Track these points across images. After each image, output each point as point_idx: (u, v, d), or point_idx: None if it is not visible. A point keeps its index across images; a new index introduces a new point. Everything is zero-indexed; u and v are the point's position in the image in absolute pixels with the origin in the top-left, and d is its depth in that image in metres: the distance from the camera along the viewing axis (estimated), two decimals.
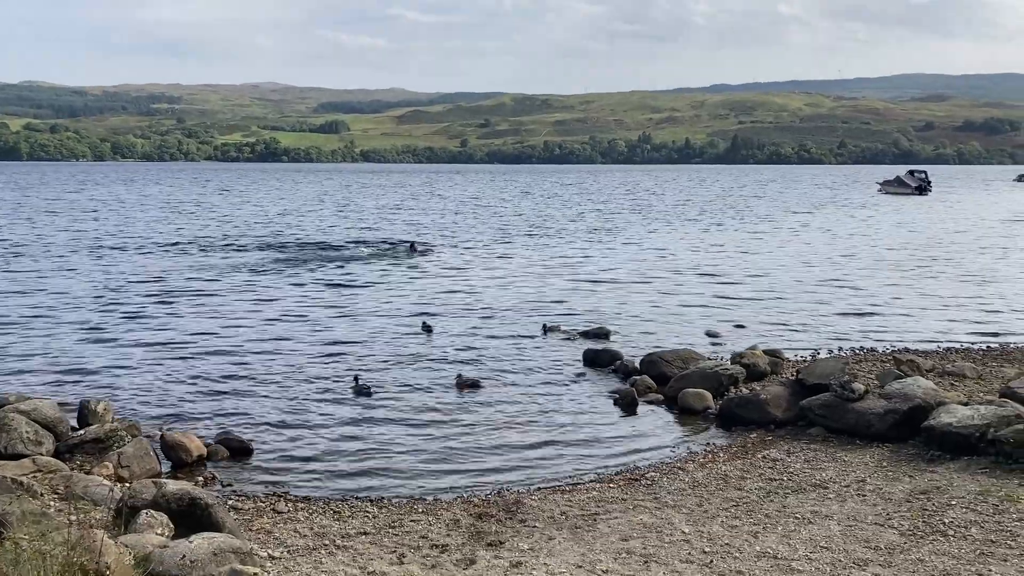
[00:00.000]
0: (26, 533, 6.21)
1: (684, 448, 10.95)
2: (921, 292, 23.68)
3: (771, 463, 9.91)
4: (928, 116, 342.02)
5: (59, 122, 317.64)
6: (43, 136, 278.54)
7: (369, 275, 26.48)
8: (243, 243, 36.21)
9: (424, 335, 17.45)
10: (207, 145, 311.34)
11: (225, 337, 17.18)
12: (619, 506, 8.56)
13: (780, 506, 8.39)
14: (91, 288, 23.31)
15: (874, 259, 31.46)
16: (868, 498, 8.55)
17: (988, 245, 37.10)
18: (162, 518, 6.94)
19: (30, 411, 10.17)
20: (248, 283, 24.53)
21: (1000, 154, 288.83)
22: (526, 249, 34.50)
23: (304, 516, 8.43)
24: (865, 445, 10.43)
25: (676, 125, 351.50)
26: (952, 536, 7.46)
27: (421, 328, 17.90)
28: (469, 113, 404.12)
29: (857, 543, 7.36)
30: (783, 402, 11.79)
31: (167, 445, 10.26)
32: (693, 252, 33.83)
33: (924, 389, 10.94)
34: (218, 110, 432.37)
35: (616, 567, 6.92)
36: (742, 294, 23.13)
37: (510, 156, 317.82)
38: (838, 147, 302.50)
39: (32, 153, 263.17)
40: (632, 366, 14.46)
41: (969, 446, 9.71)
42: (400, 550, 7.41)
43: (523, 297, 22.31)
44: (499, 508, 8.57)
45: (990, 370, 13.93)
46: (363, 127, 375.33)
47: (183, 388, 13.44)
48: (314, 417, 12.01)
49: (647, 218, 53.81)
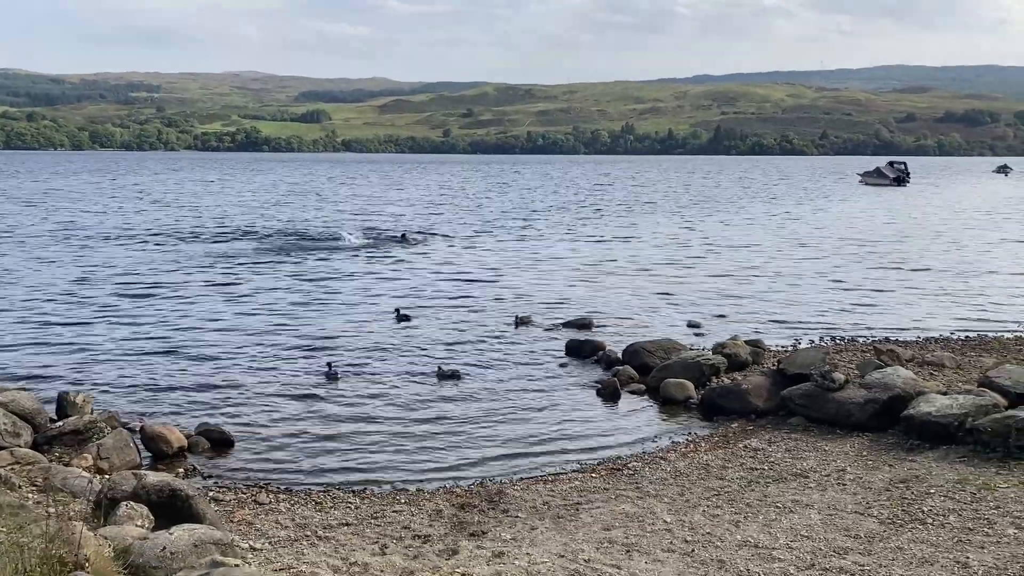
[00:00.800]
0: (3, 525, 6.16)
1: (666, 438, 10.99)
2: (900, 282, 23.84)
3: (752, 453, 9.96)
4: (909, 107, 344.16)
5: (36, 110, 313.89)
6: (20, 124, 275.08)
7: (357, 266, 26.36)
8: (225, 233, 35.95)
9: (401, 324, 17.44)
10: (187, 134, 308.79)
11: (206, 328, 17.08)
12: (601, 496, 8.58)
13: (761, 495, 8.44)
14: (67, 279, 23.08)
15: (854, 250, 31.65)
16: (848, 487, 8.61)
17: (965, 236, 37.41)
18: (142, 510, 6.89)
19: (8, 402, 10.05)
20: (229, 274, 24.37)
21: (980, 145, 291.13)
22: (512, 240, 34.46)
23: (285, 507, 8.40)
24: (845, 434, 10.51)
25: (659, 116, 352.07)
26: (931, 524, 7.53)
27: (396, 318, 17.87)
28: (452, 103, 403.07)
29: (837, 532, 7.42)
30: (764, 392, 11.85)
31: (147, 437, 10.19)
32: (675, 243, 33.91)
33: (904, 379, 11.02)
34: (198, 99, 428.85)
35: (598, 557, 6.94)
36: (724, 284, 23.21)
37: (493, 146, 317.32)
38: (820, 138, 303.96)
39: (8, 142, 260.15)
40: (614, 356, 14.48)
41: (948, 435, 9.80)
42: (382, 541, 7.40)
43: (509, 288, 22.29)
44: (482, 498, 8.58)
45: (969, 360, 14.05)
46: (345, 116, 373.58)
47: (163, 380, 13.34)
48: (296, 409, 11.97)
49: (630, 209, 53.88)
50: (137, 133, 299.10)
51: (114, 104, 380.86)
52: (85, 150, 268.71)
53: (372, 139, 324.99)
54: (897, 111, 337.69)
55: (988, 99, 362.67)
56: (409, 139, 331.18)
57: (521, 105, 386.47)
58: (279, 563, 6.75)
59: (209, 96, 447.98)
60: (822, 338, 16.49)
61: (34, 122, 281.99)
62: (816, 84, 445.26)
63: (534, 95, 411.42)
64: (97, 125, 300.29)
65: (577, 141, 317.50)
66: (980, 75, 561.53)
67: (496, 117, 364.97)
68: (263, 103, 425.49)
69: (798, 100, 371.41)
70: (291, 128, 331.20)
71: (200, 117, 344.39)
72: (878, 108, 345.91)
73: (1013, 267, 27.45)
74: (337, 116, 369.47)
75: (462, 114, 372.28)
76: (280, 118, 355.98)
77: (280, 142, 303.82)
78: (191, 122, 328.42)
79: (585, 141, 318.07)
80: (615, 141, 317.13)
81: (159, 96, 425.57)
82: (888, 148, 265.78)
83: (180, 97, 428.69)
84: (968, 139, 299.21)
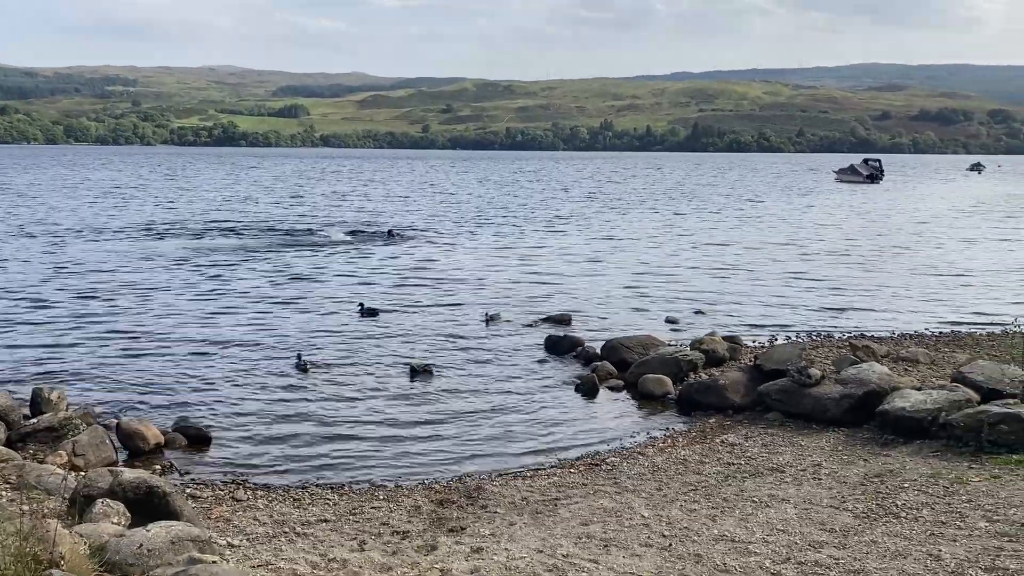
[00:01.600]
0: None
1: (644, 433, 11.04)
2: (875, 279, 24.06)
3: (729, 448, 10.04)
4: (885, 105, 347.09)
5: (9, 104, 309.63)
6: None
7: (340, 262, 26.26)
8: (206, 229, 35.69)
9: (367, 318, 17.46)
10: (163, 129, 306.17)
11: (183, 324, 16.95)
12: (580, 491, 8.62)
13: (738, 490, 8.51)
14: (39, 276, 22.80)
15: (828, 246, 31.91)
16: (824, 482, 8.69)
17: (938, 233, 37.81)
18: (118, 507, 6.84)
19: None
20: (208, 270, 24.20)
21: (954, 143, 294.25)
22: (496, 236, 34.45)
23: (263, 504, 8.37)
24: (821, 429, 10.60)
25: (637, 112, 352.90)
26: (904, 518, 7.62)
27: (360, 312, 17.83)
28: (431, 98, 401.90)
29: (813, 526, 7.49)
30: (741, 387, 11.93)
31: (123, 433, 10.10)
32: (653, 239, 34.04)
33: (879, 374, 11.14)
34: (174, 93, 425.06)
35: (576, 551, 6.97)
36: (702, 281, 23.35)
37: (472, 142, 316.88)
38: (797, 135, 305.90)
39: None
40: (593, 352, 14.53)
41: (922, 430, 9.92)
42: (361, 537, 7.39)
43: (489, 284, 22.29)
44: (460, 494, 8.58)
45: (942, 355, 14.22)
46: (323, 111, 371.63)
47: (140, 376, 13.23)
48: (274, 405, 11.91)
49: (608, 206, 54.00)
50: (112, 127, 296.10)
51: (89, 98, 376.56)
52: (59, 144, 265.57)
53: (351, 134, 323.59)
54: (873, 109, 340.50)
55: (961, 98, 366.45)
56: (388, 134, 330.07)
57: (500, 101, 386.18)
58: (257, 560, 6.73)
59: (186, 90, 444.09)
60: (798, 334, 16.62)
61: (7, 116, 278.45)
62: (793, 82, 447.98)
63: (513, 91, 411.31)
64: (72, 119, 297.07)
65: (556, 137, 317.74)
66: (953, 73, 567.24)
67: (475, 113, 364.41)
68: (240, 97, 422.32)
69: (775, 98, 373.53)
70: (269, 123, 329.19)
71: (177, 111, 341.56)
72: (854, 106, 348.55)
73: (985, 264, 27.79)
74: (315, 111, 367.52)
75: (441, 110, 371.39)
76: (258, 113, 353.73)
77: (258, 137, 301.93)
78: (167, 116, 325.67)
79: (564, 137, 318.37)
80: (594, 138, 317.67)
81: (135, 90, 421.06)
82: (864, 146, 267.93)
83: (156, 91, 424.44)
84: (942, 137, 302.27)
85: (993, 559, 6.65)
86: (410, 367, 13.68)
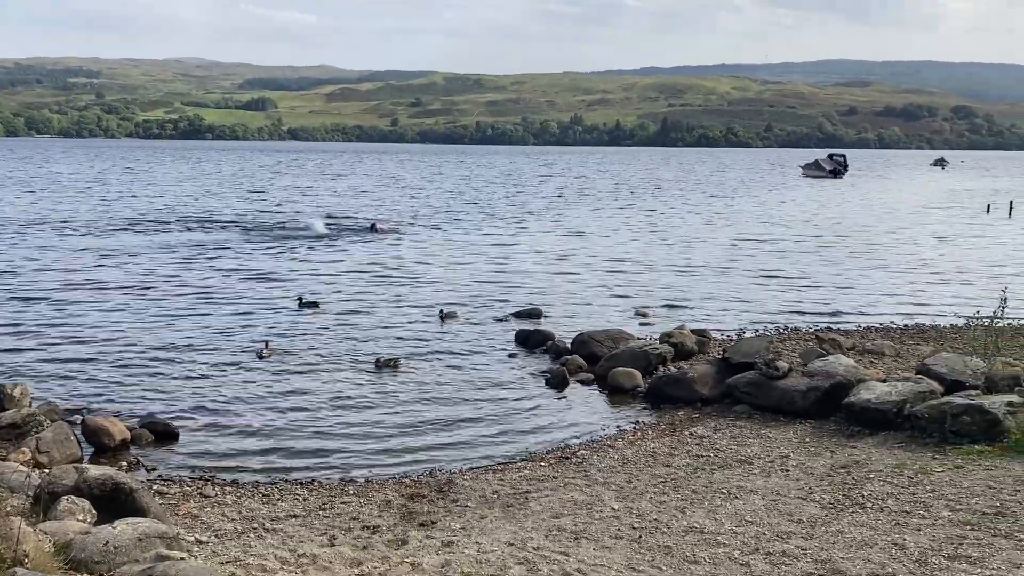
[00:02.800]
0: None
1: (614, 426, 11.09)
2: (840, 272, 24.35)
3: (698, 440, 10.11)
4: (851, 101, 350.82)
5: None
6: None
7: (317, 256, 26.08)
8: (175, 221, 35.24)
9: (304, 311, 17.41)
10: (128, 121, 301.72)
11: (148, 319, 16.76)
12: (550, 484, 8.64)
13: (707, 482, 8.58)
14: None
15: (794, 241, 32.22)
16: (791, 473, 8.79)
17: (903, 228, 38.33)
18: (84, 504, 6.75)
19: None
20: (177, 263, 23.93)
21: (919, 139, 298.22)
22: (465, 231, 34.42)
23: (232, 500, 8.30)
24: (789, 421, 10.72)
25: (607, 107, 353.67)
26: (870, 508, 7.72)
27: (298, 304, 17.73)
28: (400, 92, 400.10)
29: (781, 517, 7.57)
30: (710, 380, 12.03)
31: (89, 430, 9.97)
32: (623, 234, 34.18)
33: (845, 367, 11.28)
34: (139, 85, 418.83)
35: (547, 544, 6.99)
36: (670, 275, 23.48)
37: (442, 136, 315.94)
38: (765, 130, 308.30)
39: None
40: (563, 346, 14.56)
41: (887, 421, 10.07)
42: (331, 532, 7.36)
43: (460, 278, 22.26)
44: (431, 488, 8.57)
45: (907, 348, 14.42)
46: (291, 104, 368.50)
47: (105, 372, 13.07)
48: (242, 401, 11.82)
49: (578, 201, 54.11)
50: (76, 120, 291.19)
51: (51, 89, 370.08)
52: (20, 136, 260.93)
53: (319, 128, 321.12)
54: (839, 105, 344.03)
55: (926, 94, 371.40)
56: (356, 128, 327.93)
57: (470, 95, 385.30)
58: (226, 556, 6.68)
59: (151, 82, 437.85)
60: (766, 327, 16.78)
61: None
62: (761, 77, 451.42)
63: (483, 85, 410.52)
64: (33, 111, 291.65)
65: (526, 132, 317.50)
66: (918, 70, 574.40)
67: (445, 107, 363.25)
68: (207, 90, 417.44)
69: (744, 93, 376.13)
70: (236, 116, 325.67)
71: (142, 104, 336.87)
72: (821, 101, 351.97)
73: (949, 257, 28.22)
74: (283, 104, 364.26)
75: (410, 103, 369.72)
76: (224, 106, 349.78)
77: (224, 130, 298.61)
78: (132, 109, 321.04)
79: (534, 132, 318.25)
80: (564, 132, 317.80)
81: (99, 82, 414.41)
82: (831, 141, 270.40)
83: (121, 83, 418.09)
84: (907, 133, 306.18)
85: (956, 547, 6.77)
86: (376, 360, 13.64)
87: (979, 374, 11.03)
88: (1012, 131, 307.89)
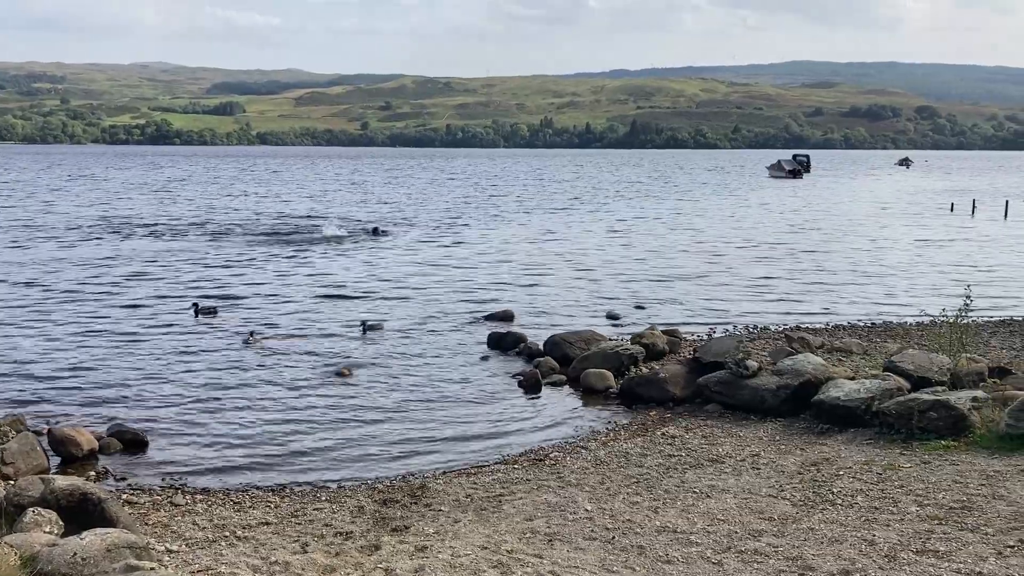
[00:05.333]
0: None
1: (587, 427, 11.12)
2: (808, 272, 24.60)
3: (670, 440, 10.16)
4: (817, 102, 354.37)
5: None
6: None
7: (315, 260, 25.96)
8: (137, 229, 34.85)
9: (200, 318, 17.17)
10: (94, 127, 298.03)
11: (113, 327, 16.56)
12: (524, 487, 8.64)
13: (679, 481, 8.62)
14: None
15: (762, 240, 32.50)
16: (762, 471, 8.86)
17: (867, 227, 38.80)
18: (51, 515, 6.64)
19: None
20: (153, 268, 23.67)
21: (884, 139, 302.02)
22: (436, 234, 34.36)
23: (203, 508, 8.22)
24: (759, 420, 10.81)
25: (577, 110, 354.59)
26: (840, 505, 7.80)
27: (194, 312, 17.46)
28: (369, 95, 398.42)
29: (752, 515, 7.63)
30: (681, 380, 12.10)
31: (56, 440, 9.83)
32: (594, 237, 34.29)
33: (814, 365, 11.39)
34: (105, 90, 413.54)
35: (521, 547, 6.99)
36: (641, 277, 23.59)
37: (412, 139, 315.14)
38: (732, 132, 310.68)
39: None
40: (536, 348, 14.58)
41: (855, 418, 10.18)
42: (303, 539, 7.30)
43: (432, 281, 22.21)
44: (404, 493, 8.54)
45: (874, 345, 14.60)
46: (259, 109, 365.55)
47: (71, 381, 12.89)
48: (211, 408, 11.70)
49: (548, 204, 54.22)
50: (40, 125, 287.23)
51: (14, 95, 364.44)
52: None
53: (288, 132, 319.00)
54: (805, 105, 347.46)
55: (890, 95, 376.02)
56: (326, 132, 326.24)
57: (440, 98, 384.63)
58: (197, 565, 6.61)
59: (117, 88, 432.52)
60: (736, 327, 16.90)
61: None
62: (728, 79, 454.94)
63: (453, 88, 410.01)
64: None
65: (497, 135, 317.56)
66: (881, 71, 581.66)
67: (415, 110, 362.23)
68: (174, 95, 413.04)
69: (711, 95, 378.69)
70: (204, 121, 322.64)
71: (108, 109, 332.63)
72: (788, 102, 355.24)
73: (913, 256, 28.61)
74: (251, 108, 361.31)
75: (380, 107, 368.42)
76: (192, 110, 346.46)
77: (192, 135, 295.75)
78: (98, 114, 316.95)
79: (505, 135, 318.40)
80: (534, 135, 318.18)
81: (63, 87, 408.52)
82: (798, 141, 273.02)
83: (86, 88, 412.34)
84: (872, 133, 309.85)
85: (924, 542, 6.86)
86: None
87: (945, 371, 11.19)
88: (974, 131, 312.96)
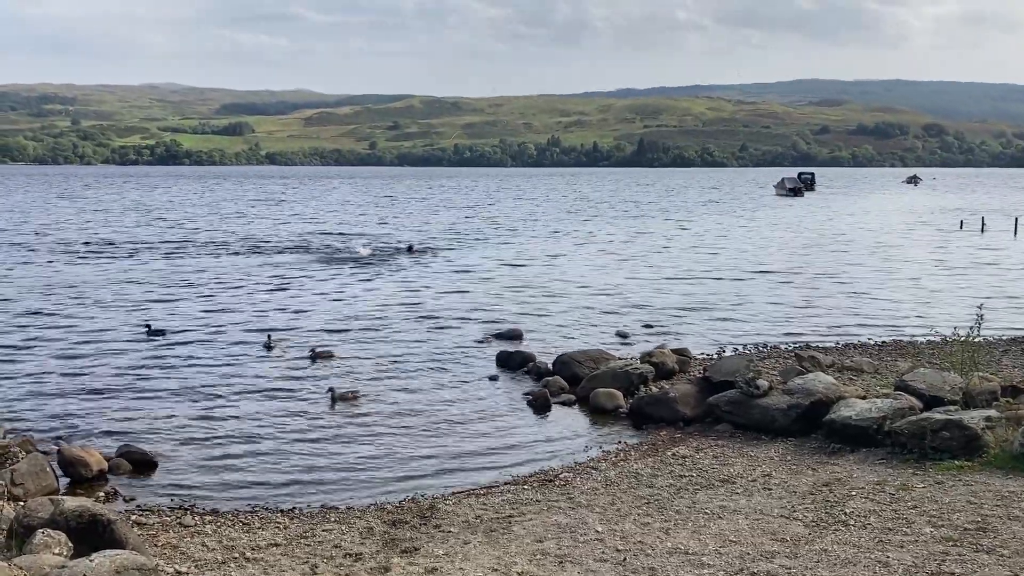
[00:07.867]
0: None
1: (597, 447, 11.06)
2: (818, 289, 24.52)
3: (681, 460, 10.10)
4: (824, 120, 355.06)
5: None
6: None
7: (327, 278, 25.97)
8: (143, 249, 35.00)
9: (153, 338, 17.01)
10: (104, 148, 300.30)
11: (125, 348, 16.58)
12: (533, 508, 8.59)
13: (690, 502, 8.56)
14: None
15: (772, 259, 32.45)
16: (774, 491, 8.79)
17: (874, 244, 38.71)
18: (60, 537, 6.63)
19: None
20: (155, 290, 23.74)
21: (891, 156, 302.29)
22: (445, 255, 34.42)
23: (212, 529, 8.19)
24: (770, 440, 10.73)
25: (584, 128, 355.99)
26: (853, 526, 7.73)
27: (147, 333, 17.35)
28: (377, 115, 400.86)
29: (764, 536, 7.56)
30: (691, 400, 12.04)
31: (65, 460, 9.83)
32: (602, 255, 34.29)
33: (825, 384, 11.32)
34: (115, 111, 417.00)
35: (531, 569, 6.94)
36: (650, 296, 23.55)
37: (420, 158, 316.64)
38: (740, 150, 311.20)
39: None
40: (545, 367, 14.55)
41: (867, 438, 10.10)
42: (312, 560, 7.27)
43: (438, 300, 22.21)
44: (413, 514, 8.50)
45: (886, 364, 14.52)
46: (268, 129, 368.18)
47: (81, 401, 12.90)
48: (220, 428, 11.69)
49: (557, 222, 54.30)
50: (51, 147, 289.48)
51: (26, 116, 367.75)
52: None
53: (297, 152, 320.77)
54: (813, 124, 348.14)
55: (897, 112, 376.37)
56: (335, 151, 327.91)
57: (448, 118, 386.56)
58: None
59: (127, 108, 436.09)
60: (746, 346, 16.84)
61: None
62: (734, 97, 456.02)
63: (460, 107, 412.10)
64: (7, 138, 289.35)
65: (504, 154, 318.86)
66: (888, 89, 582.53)
67: (423, 130, 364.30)
68: (184, 116, 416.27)
69: (718, 113, 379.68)
70: (213, 141, 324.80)
71: (118, 130, 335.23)
72: (795, 120, 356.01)
73: (923, 273, 28.50)
74: (261, 128, 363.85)
75: (388, 126, 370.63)
76: (202, 131, 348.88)
77: (202, 155, 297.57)
78: (108, 135, 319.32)
79: (512, 154, 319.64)
80: (542, 153, 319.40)
81: (74, 108, 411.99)
82: (806, 159, 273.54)
83: (96, 109, 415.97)
84: (880, 151, 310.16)
85: (939, 564, 6.79)
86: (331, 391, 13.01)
87: (957, 389, 11.11)
88: (982, 148, 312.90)
